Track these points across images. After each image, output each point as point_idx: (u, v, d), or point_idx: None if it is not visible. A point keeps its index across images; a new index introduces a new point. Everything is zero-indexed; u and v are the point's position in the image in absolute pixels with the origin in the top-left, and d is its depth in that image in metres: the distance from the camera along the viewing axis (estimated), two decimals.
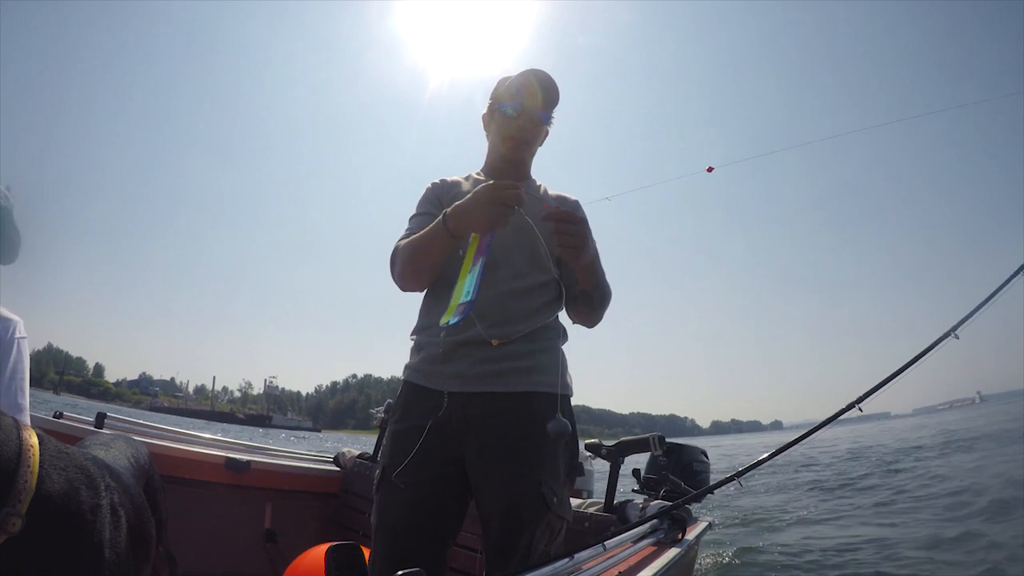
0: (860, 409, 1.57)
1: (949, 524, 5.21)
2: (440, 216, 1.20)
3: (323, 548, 1.58)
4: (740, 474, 1.57)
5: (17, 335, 1.34)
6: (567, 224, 1.11)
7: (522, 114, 1.33)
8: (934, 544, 4.49)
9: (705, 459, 2.55)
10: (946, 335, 1.58)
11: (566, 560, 1.08)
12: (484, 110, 1.42)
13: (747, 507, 7.17)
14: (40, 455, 0.72)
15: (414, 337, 1.34)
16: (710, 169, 1.29)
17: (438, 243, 1.21)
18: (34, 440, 0.73)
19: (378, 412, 2.63)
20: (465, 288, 1.10)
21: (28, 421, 1.33)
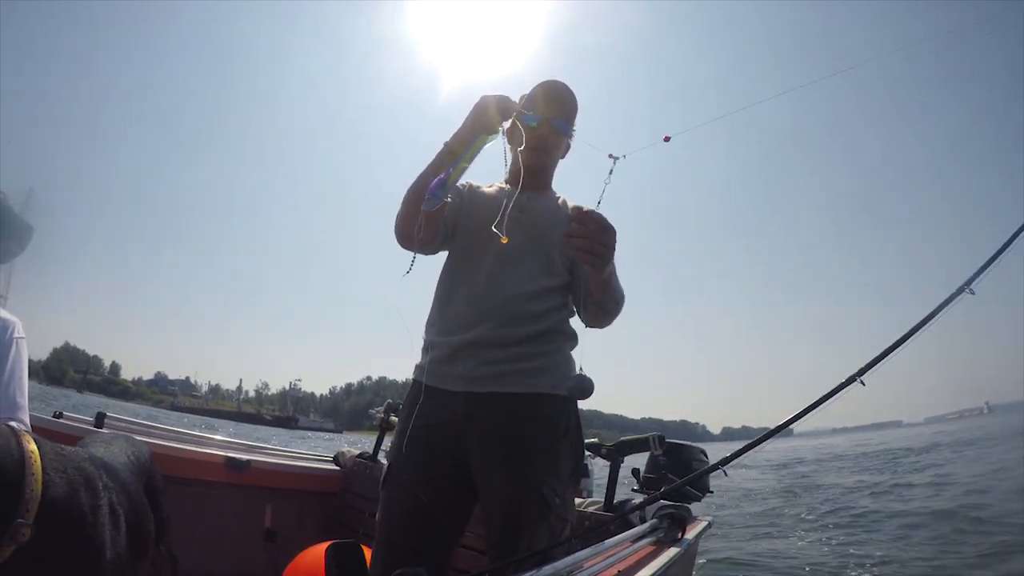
0: (862, 383, 1.43)
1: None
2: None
3: (323, 547, 1.58)
4: (726, 461, 1.54)
5: (16, 335, 1.35)
6: (595, 229, 1.02)
7: (542, 124, 1.33)
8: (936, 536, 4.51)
9: (704, 459, 2.55)
10: (960, 290, 1.43)
11: (566, 559, 1.08)
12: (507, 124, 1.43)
13: (747, 506, 7.17)
14: (41, 460, 0.72)
15: (424, 337, 1.35)
16: (667, 139, 1.29)
17: (438, 163, 1.20)
18: (33, 446, 0.73)
19: (377, 412, 2.63)
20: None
21: (27, 420, 1.33)
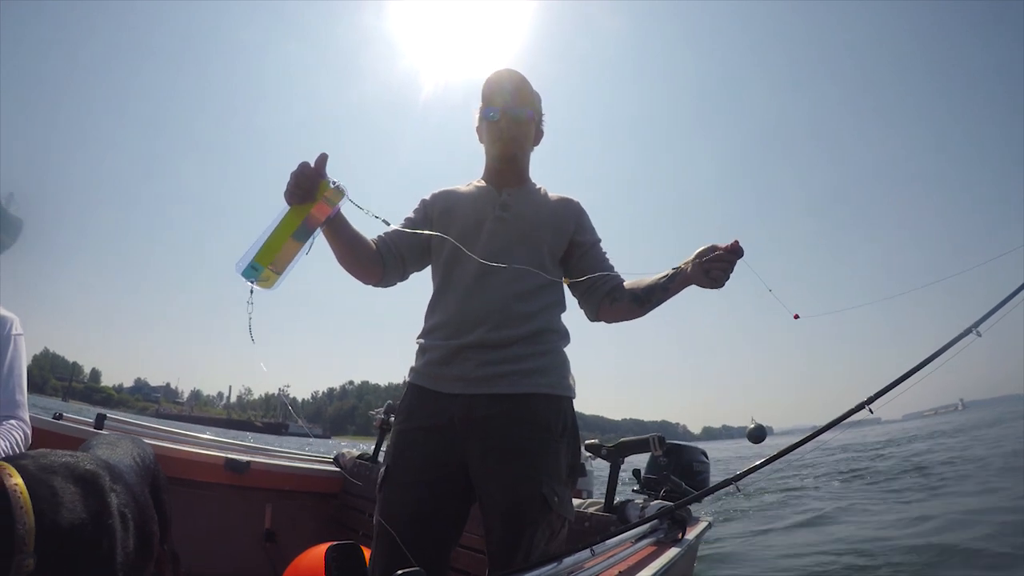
0: (871, 411, 1.43)
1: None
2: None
3: (323, 548, 1.57)
4: (739, 477, 1.54)
5: (14, 331, 1.35)
6: (732, 259, 1.14)
7: (503, 115, 1.35)
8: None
9: (705, 459, 2.56)
10: (967, 331, 1.42)
11: (566, 560, 1.08)
12: (476, 123, 1.43)
13: (747, 506, 7.18)
14: (28, 488, 0.72)
15: (420, 341, 1.35)
16: (796, 316, 1.24)
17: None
18: (16, 479, 0.72)
19: (377, 413, 2.63)
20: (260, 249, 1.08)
21: (27, 418, 1.34)
